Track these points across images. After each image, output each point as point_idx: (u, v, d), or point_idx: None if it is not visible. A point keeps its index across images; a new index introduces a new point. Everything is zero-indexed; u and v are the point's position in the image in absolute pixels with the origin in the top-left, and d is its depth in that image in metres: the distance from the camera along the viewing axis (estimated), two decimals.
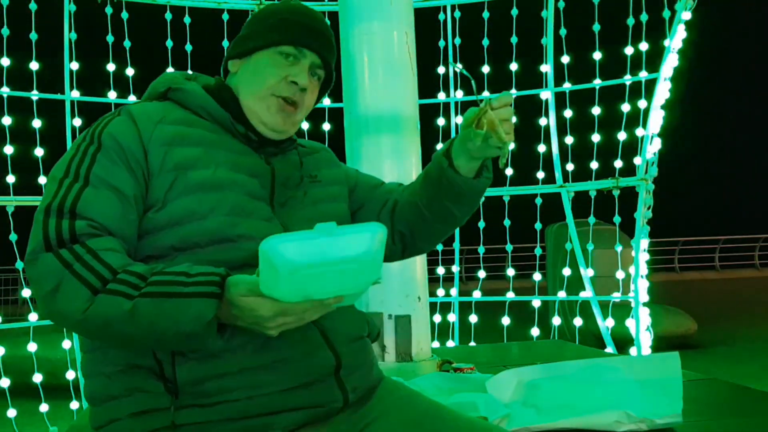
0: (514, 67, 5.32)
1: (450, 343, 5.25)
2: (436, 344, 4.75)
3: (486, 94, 5.32)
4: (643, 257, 4.98)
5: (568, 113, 5.24)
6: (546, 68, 5.24)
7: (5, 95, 4.61)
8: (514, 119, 1.55)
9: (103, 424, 1.43)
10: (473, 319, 5.23)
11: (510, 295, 5.32)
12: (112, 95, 4.93)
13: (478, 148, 1.56)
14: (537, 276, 5.47)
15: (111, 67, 4.95)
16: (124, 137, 1.43)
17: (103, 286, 1.28)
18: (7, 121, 4.61)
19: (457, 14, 5.31)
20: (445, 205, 1.68)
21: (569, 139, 5.22)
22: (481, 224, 5.36)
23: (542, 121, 5.27)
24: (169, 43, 5.02)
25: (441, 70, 5.37)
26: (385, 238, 1.22)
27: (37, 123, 4.75)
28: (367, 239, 1.20)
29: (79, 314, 1.27)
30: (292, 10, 1.63)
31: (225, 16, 5.12)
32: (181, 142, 1.47)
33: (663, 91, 4.91)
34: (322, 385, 1.45)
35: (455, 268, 5.49)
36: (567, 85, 5.21)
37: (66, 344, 4.61)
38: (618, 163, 5.04)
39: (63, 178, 1.39)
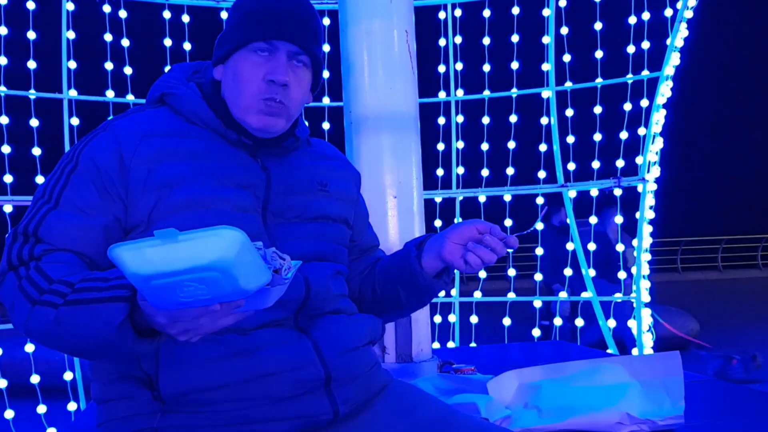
0: (515, 65, 5.30)
1: (451, 344, 5.23)
2: (436, 345, 4.72)
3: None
4: (645, 257, 4.96)
5: (569, 112, 5.22)
6: (547, 67, 5.21)
7: (3, 94, 4.59)
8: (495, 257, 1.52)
9: (102, 422, 1.48)
10: (474, 319, 5.21)
11: (511, 295, 5.29)
12: (110, 94, 4.91)
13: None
14: (538, 276, 5.45)
15: (109, 66, 4.93)
16: (101, 158, 1.41)
17: (39, 297, 1.30)
18: (4, 120, 4.60)
19: (458, 12, 5.28)
20: (396, 290, 1.65)
21: (571, 139, 5.19)
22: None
23: (543, 120, 5.25)
24: (168, 42, 5.01)
25: (441, 68, 5.35)
26: (246, 240, 1.09)
27: (34, 122, 4.74)
28: (215, 244, 1.07)
29: (24, 327, 1.31)
30: (260, 2, 1.52)
31: (224, 15, 5.10)
32: (166, 158, 1.42)
33: (665, 90, 4.89)
34: (311, 397, 1.43)
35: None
36: (568, 84, 5.18)
37: None
38: (620, 163, 5.02)
39: (39, 199, 1.41)
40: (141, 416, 1.40)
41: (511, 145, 5.30)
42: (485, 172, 5.28)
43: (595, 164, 5.08)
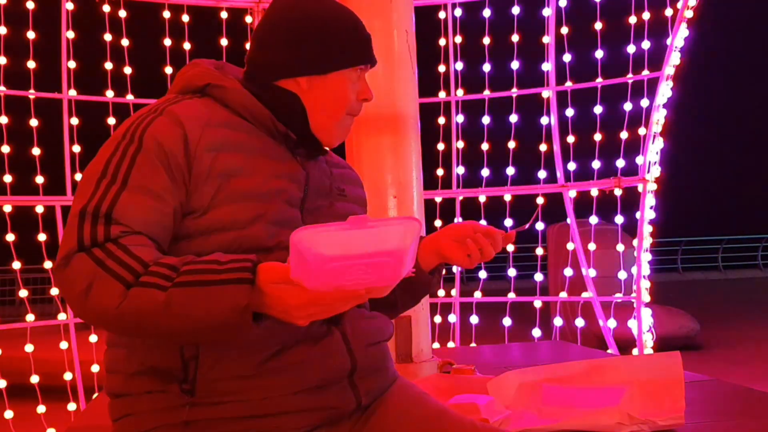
0: (515, 65, 5.30)
1: (451, 344, 5.22)
2: (436, 345, 4.72)
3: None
4: (646, 257, 4.95)
5: (569, 112, 5.21)
6: (547, 67, 5.21)
7: (2, 94, 4.58)
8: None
9: (120, 416, 1.46)
10: (474, 319, 5.20)
11: (511, 295, 5.29)
12: (109, 94, 4.91)
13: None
14: (539, 276, 5.44)
15: (109, 65, 4.93)
16: (167, 140, 1.39)
17: (135, 280, 1.27)
18: (4, 120, 4.59)
19: (458, 12, 5.28)
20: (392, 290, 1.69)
21: (571, 139, 5.19)
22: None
23: (544, 120, 5.24)
24: (168, 42, 5.01)
25: (442, 68, 5.34)
26: (420, 231, 1.19)
27: (34, 122, 4.73)
28: (400, 233, 1.16)
29: (114, 310, 1.26)
30: (354, 22, 1.61)
31: (224, 14, 5.10)
32: (226, 148, 1.44)
33: (665, 89, 4.88)
34: (336, 388, 1.46)
35: (456, 269, 5.46)
36: (569, 84, 5.18)
37: (63, 345, 4.59)
38: (620, 163, 5.01)
39: (100, 178, 1.37)
40: (168, 410, 1.39)
41: (512, 144, 5.29)
42: (485, 172, 5.27)
43: (596, 164, 5.07)
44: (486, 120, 5.34)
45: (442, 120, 5.38)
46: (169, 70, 4.98)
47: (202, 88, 1.53)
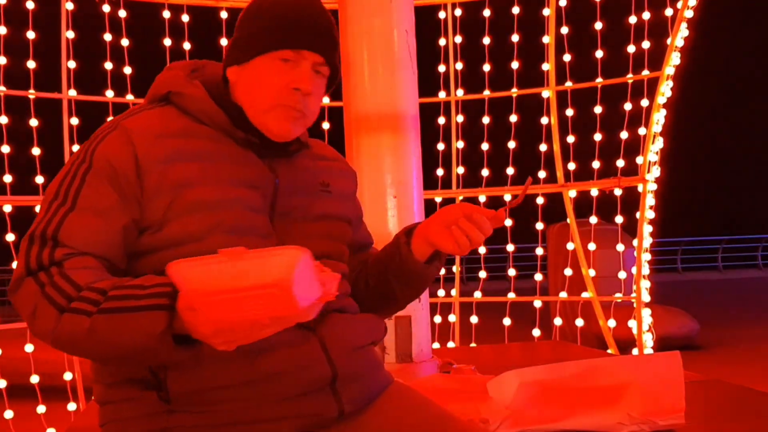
0: (515, 65, 5.30)
1: (451, 344, 5.22)
2: (436, 345, 4.72)
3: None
4: (645, 257, 4.95)
5: (569, 112, 5.22)
6: (547, 67, 5.20)
7: (2, 94, 4.58)
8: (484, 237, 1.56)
9: (105, 422, 1.48)
10: (474, 319, 5.20)
11: (511, 295, 5.29)
12: (109, 94, 4.91)
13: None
14: (538, 276, 5.44)
15: (108, 65, 4.93)
16: (116, 157, 1.39)
17: (68, 305, 1.28)
18: (4, 120, 4.59)
19: (458, 12, 5.28)
20: (388, 279, 1.66)
21: (571, 138, 5.19)
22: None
23: (544, 120, 5.24)
24: (167, 42, 5.01)
25: (442, 68, 5.34)
26: (306, 260, 1.15)
27: (34, 122, 4.73)
28: (281, 264, 1.12)
29: (51, 334, 1.28)
30: (286, 7, 1.52)
31: (223, 14, 5.10)
32: (179, 158, 1.42)
33: (665, 89, 4.88)
34: (316, 396, 1.44)
35: (456, 269, 5.46)
36: (569, 84, 5.18)
37: None
38: (620, 163, 5.01)
39: (53, 200, 1.38)
40: (147, 417, 1.40)
41: (512, 144, 5.29)
42: (485, 172, 5.27)
43: (596, 164, 5.08)
44: (486, 120, 5.34)
45: (442, 120, 5.38)
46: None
47: (165, 96, 1.53)
